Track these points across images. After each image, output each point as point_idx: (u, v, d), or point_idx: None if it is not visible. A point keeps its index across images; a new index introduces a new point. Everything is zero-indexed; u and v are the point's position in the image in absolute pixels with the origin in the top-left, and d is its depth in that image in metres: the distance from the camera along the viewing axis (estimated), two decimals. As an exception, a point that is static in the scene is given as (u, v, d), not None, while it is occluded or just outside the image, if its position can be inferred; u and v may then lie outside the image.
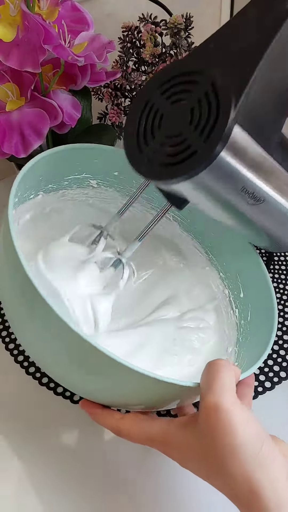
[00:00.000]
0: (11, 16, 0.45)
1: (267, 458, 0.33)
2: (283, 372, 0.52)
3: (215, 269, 0.54)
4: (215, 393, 0.34)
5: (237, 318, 0.50)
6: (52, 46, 0.46)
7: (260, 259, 0.50)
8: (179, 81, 0.35)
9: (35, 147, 0.49)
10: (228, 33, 0.35)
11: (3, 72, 0.49)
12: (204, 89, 0.33)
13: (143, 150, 0.36)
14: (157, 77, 0.36)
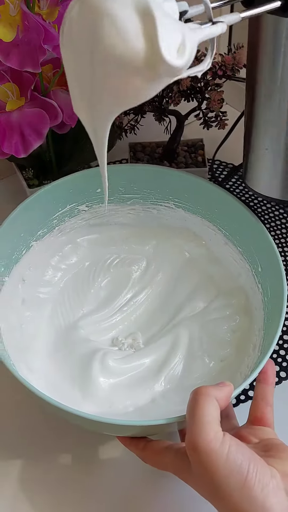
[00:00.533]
0: (11, 16, 0.45)
1: (254, 488, 0.32)
2: (283, 372, 0.52)
3: (232, 244, 0.54)
4: (192, 432, 0.34)
5: (262, 294, 0.49)
6: (52, 46, 0.46)
7: (264, 228, 0.49)
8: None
9: (35, 147, 0.49)
10: None
11: (3, 72, 0.49)
12: None
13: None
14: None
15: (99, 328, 0.52)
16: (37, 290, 0.53)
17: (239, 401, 0.49)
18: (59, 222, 0.54)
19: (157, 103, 0.59)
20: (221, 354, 0.49)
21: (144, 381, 0.48)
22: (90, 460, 0.46)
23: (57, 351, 0.49)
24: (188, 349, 0.50)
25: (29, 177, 0.62)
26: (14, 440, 0.47)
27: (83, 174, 0.53)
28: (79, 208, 0.55)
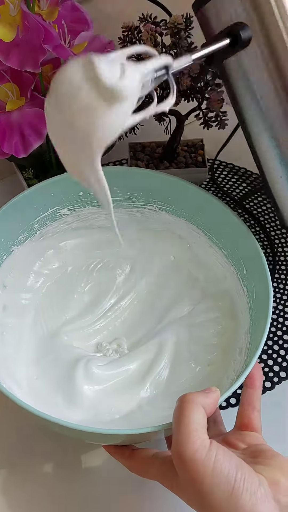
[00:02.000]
0: (11, 16, 0.45)
1: (242, 497, 0.32)
2: (283, 372, 0.52)
3: (217, 247, 0.53)
4: (177, 441, 0.33)
5: (247, 297, 0.48)
6: (52, 46, 0.46)
7: (249, 230, 0.48)
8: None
9: (35, 147, 0.49)
10: None
11: (3, 72, 0.49)
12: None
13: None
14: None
15: (83, 334, 0.51)
16: (19, 296, 0.52)
17: (228, 405, 0.49)
18: (41, 226, 0.53)
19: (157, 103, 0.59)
20: (208, 359, 0.49)
21: (129, 388, 0.47)
22: (74, 467, 0.46)
23: (40, 358, 0.48)
24: (174, 354, 0.49)
25: (29, 177, 0.62)
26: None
27: (64, 177, 0.52)
28: (61, 212, 0.54)
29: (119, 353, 0.50)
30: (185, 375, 0.48)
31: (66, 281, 0.55)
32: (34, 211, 0.52)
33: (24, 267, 0.53)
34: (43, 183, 0.51)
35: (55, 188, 0.52)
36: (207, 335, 0.50)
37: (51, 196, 0.52)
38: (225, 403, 0.49)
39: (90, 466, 0.46)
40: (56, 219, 0.54)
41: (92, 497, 0.44)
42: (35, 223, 0.53)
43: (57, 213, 0.54)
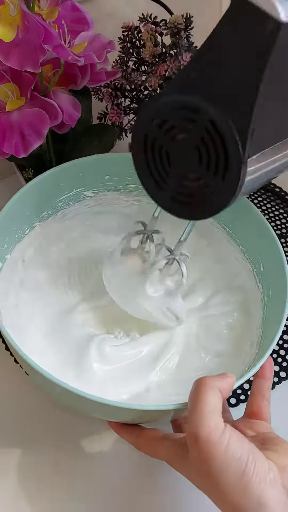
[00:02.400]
0: (11, 16, 0.45)
1: (252, 481, 0.32)
2: (283, 372, 0.52)
3: (235, 243, 0.54)
4: (192, 422, 0.34)
5: (262, 294, 0.49)
6: (52, 46, 0.46)
7: (272, 231, 0.49)
8: (174, 116, 0.32)
9: (35, 147, 0.49)
10: (208, 63, 0.30)
11: (3, 72, 0.49)
12: (204, 127, 0.30)
13: (163, 188, 0.35)
14: (149, 109, 0.33)
15: (95, 315, 0.51)
16: (36, 272, 0.53)
17: (228, 405, 0.49)
18: (64, 205, 0.55)
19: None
20: (217, 350, 0.49)
21: (139, 370, 0.47)
22: (80, 450, 0.47)
23: (52, 334, 0.49)
24: (184, 343, 0.50)
25: (29, 177, 0.62)
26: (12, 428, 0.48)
27: (95, 159, 0.53)
28: (85, 194, 0.55)
29: (130, 337, 0.50)
30: (195, 364, 0.49)
31: (83, 263, 0.55)
32: (59, 189, 0.53)
33: (44, 244, 0.54)
34: (73, 162, 0.52)
35: (83, 169, 0.53)
36: (218, 327, 0.51)
37: (79, 176, 0.53)
38: (235, 400, 0.49)
39: (97, 450, 0.47)
40: (79, 200, 0.55)
41: (100, 478, 0.45)
42: (59, 201, 0.54)
43: (81, 195, 0.55)
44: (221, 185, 0.31)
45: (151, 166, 0.35)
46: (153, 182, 0.35)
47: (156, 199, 0.36)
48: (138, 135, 0.34)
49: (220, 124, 0.30)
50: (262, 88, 0.28)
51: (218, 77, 0.29)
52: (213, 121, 0.30)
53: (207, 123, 0.30)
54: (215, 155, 0.31)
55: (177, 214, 0.35)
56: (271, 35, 0.26)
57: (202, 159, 0.31)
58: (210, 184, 0.32)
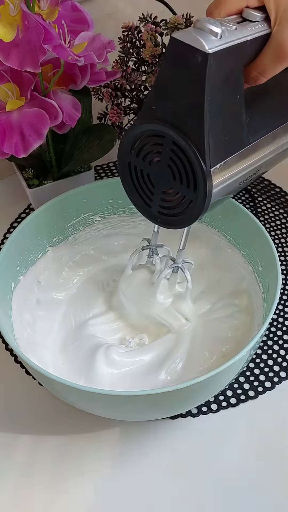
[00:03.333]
0: (11, 16, 0.45)
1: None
2: (283, 372, 0.52)
3: (236, 249, 0.55)
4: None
5: (262, 292, 0.50)
6: (52, 46, 0.46)
7: (263, 229, 0.50)
8: (145, 143, 0.38)
9: (35, 147, 0.49)
10: (161, 95, 0.36)
11: (3, 72, 0.49)
12: (170, 149, 0.36)
13: (151, 205, 0.41)
14: (125, 141, 0.39)
15: (108, 328, 0.53)
16: (51, 292, 0.55)
17: (228, 405, 0.49)
18: (74, 230, 0.57)
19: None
20: (222, 350, 0.50)
21: (146, 373, 0.48)
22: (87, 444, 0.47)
23: (66, 347, 0.51)
24: (190, 345, 0.50)
25: (29, 177, 0.62)
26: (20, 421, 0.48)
27: (96, 186, 0.56)
28: (92, 218, 0.57)
29: (140, 344, 0.52)
30: (200, 364, 0.49)
31: (95, 281, 0.57)
32: (67, 215, 0.56)
33: (58, 267, 0.57)
34: (75, 190, 0.55)
35: (87, 195, 0.56)
36: (223, 328, 0.51)
37: (84, 202, 0.56)
38: (225, 403, 0.49)
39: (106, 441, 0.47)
40: (88, 225, 0.58)
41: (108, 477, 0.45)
42: (69, 227, 0.56)
43: (89, 219, 0.58)
44: (194, 195, 0.37)
45: (138, 188, 0.41)
46: (142, 201, 0.41)
47: (146, 215, 0.42)
48: (122, 166, 0.41)
49: (181, 144, 0.35)
50: (206, 109, 0.34)
51: (172, 106, 0.35)
52: (175, 142, 0.36)
53: (171, 145, 0.36)
54: (184, 170, 0.36)
55: (166, 225, 0.41)
56: (202, 64, 0.33)
57: (175, 175, 0.37)
58: (186, 196, 0.37)
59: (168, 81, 0.35)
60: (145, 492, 0.44)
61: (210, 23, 0.33)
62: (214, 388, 0.44)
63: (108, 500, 0.44)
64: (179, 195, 0.38)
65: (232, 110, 0.37)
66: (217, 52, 0.33)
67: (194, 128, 0.34)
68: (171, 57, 0.34)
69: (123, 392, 0.42)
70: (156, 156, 0.38)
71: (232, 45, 0.34)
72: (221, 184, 0.38)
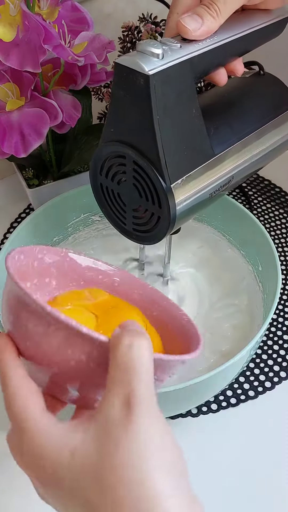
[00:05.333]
0: (11, 16, 0.45)
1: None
2: (283, 372, 0.52)
3: (236, 249, 0.56)
4: None
5: (262, 292, 0.50)
6: (52, 46, 0.46)
7: (263, 228, 0.51)
8: (111, 164, 0.39)
9: (35, 147, 0.49)
10: (116, 117, 0.37)
11: (3, 72, 0.49)
12: (132, 168, 0.37)
13: (125, 223, 0.42)
14: (93, 164, 0.41)
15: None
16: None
17: (229, 405, 0.49)
18: (74, 230, 0.57)
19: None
20: (222, 350, 0.50)
21: None
22: None
23: None
24: None
25: (29, 177, 0.62)
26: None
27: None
28: (92, 218, 0.58)
29: None
30: (201, 364, 0.49)
31: None
32: (68, 216, 0.56)
33: None
34: (75, 190, 0.55)
35: (87, 195, 0.55)
36: (223, 328, 0.51)
37: (84, 202, 0.56)
38: (225, 403, 0.49)
39: None
40: (88, 225, 0.58)
41: None
42: (69, 227, 0.56)
43: (89, 219, 0.58)
44: (160, 211, 0.38)
45: (112, 208, 0.42)
46: (117, 220, 0.42)
47: (123, 233, 0.43)
48: (95, 187, 0.42)
49: (140, 163, 0.36)
50: (157, 128, 0.35)
51: (126, 127, 0.36)
52: (135, 161, 0.37)
53: (133, 164, 0.37)
54: (148, 188, 0.37)
55: (141, 241, 0.42)
56: (145, 86, 0.33)
57: (141, 193, 0.38)
58: (154, 213, 0.38)
59: (119, 104, 0.36)
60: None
61: (150, 45, 0.34)
62: (214, 388, 0.44)
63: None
64: (148, 212, 0.39)
65: (189, 124, 0.37)
66: (159, 73, 0.33)
67: (149, 147, 0.35)
68: (118, 82, 0.35)
69: None
70: (122, 176, 0.39)
71: (176, 63, 0.34)
72: (187, 198, 0.38)
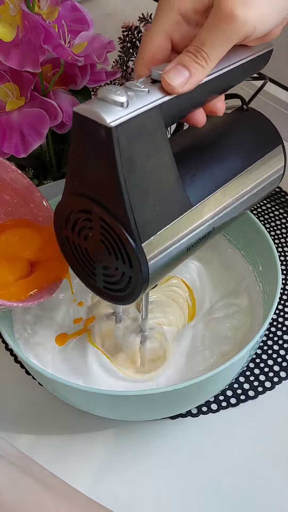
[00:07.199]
0: (11, 16, 0.45)
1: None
2: (283, 372, 0.52)
3: (236, 249, 0.55)
4: None
5: (262, 292, 0.50)
6: (52, 46, 0.46)
7: (262, 227, 0.50)
8: (77, 218, 0.36)
9: (35, 147, 0.49)
10: (79, 170, 0.34)
11: (3, 72, 0.49)
12: (99, 224, 0.34)
13: (96, 281, 0.38)
14: (58, 216, 0.37)
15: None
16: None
17: (228, 405, 0.49)
18: None
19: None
20: (223, 350, 0.50)
21: (147, 372, 0.48)
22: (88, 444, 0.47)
23: (65, 346, 0.51)
24: (190, 345, 0.50)
25: (29, 177, 0.61)
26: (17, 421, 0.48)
27: None
28: None
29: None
30: (200, 364, 0.49)
31: None
32: None
33: None
34: None
35: None
36: (223, 329, 0.51)
37: None
38: (225, 403, 0.49)
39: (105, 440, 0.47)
40: None
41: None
42: None
43: None
44: (132, 271, 0.34)
45: (81, 264, 0.38)
46: (87, 276, 0.39)
47: (93, 290, 0.39)
48: (61, 240, 0.38)
49: (106, 219, 0.33)
50: (123, 184, 0.31)
51: (90, 182, 0.33)
52: (101, 218, 0.33)
53: (99, 221, 0.34)
54: (116, 245, 0.34)
55: (113, 300, 0.38)
56: (107, 139, 0.30)
57: (109, 251, 0.35)
58: (125, 272, 0.35)
59: (80, 157, 0.33)
60: (145, 492, 0.44)
61: (112, 92, 0.30)
62: (214, 388, 0.44)
63: (108, 500, 0.44)
64: (118, 271, 0.35)
65: (160, 176, 0.34)
66: (123, 124, 0.30)
67: (115, 204, 0.32)
68: (77, 133, 0.32)
69: (122, 392, 0.42)
70: (89, 231, 0.36)
71: (144, 111, 0.31)
72: (161, 256, 0.35)
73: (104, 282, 0.37)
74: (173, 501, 0.44)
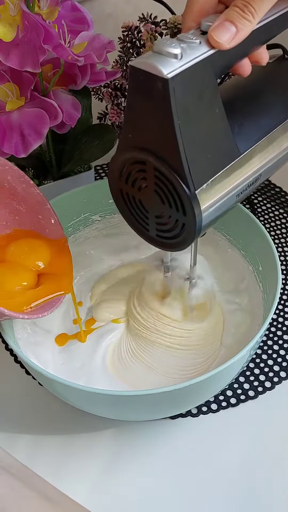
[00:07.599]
0: (11, 16, 0.45)
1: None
2: (283, 372, 0.52)
3: (236, 248, 0.55)
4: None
5: (262, 292, 0.50)
6: (52, 46, 0.46)
7: (263, 228, 0.50)
8: (131, 170, 0.37)
9: (35, 147, 0.49)
10: (133, 123, 0.35)
11: (3, 72, 0.49)
12: (153, 175, 0.35)
13: (148, 229, 0.40)
14: (112, 169, 0.38)
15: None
16: None
17: (228, 405, 0.49)
18: (74, 230, 0.57)
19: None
20: (226, 343, 0.50)
21: (152, 367, 0.49)
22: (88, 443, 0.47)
23: (66, 347, 0.51)
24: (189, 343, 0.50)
25: (29, 177, 0.62)
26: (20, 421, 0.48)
27: (95, 185, 0.56)
28: (92, 218, 0.57)
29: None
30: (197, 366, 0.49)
31: (95, 282, 0.57)
32: (68, 216, 0.55)
33: None
34: (75, 190, 0.55)
35: (87, 195, 0.56)
36: (226, 324, 0.51)
37: (84, 202, 0.56)
38: (225, 403, 0.49)
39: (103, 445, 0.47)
40: (88, 225, 0.58)
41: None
42: (69, 227, 0.56)
43: (89, 219, 0.57)
44: (185, 218, 0.36)
45: (134, 214, 0.40)
46: (140, 226, 0.40)
47: (146, 239, 0.41)
48: (115, 192, 0.40)
49: (161, 169, 0.34)
50: (178, 134, 0.32)
51: (145, 134, 0.34)
52: (156, 168, 0.35)
53: (153, 171, 0.35)
54: (171, 195, 0.35)
55: (166, 247, 0.40)
56: (164, 91, 0.31)
57: (163, 200, 0.36)
58: (178, 219, 0.36)
59: (136, 110, 0.34)
60: (145, 492, 0.44)
61: (167, 45, 0.31)
62: (214, 388, 0.44)
63: (108, 500, 0.44)
64: (172, 219, 0.37)
65: (212, 125, 0.35)
66: (179, 75, 0.31)
67: (170, 153, 0.33)
68: (133, 86, 0.33)
69: (123, 392, 0.42)
70: (143, 182, 0.37)
71: (197, 62, 0.32)
72: (213, 203, 0.37)
73: (157, 231, 0.39)
74: (173, 501, 0.44)
